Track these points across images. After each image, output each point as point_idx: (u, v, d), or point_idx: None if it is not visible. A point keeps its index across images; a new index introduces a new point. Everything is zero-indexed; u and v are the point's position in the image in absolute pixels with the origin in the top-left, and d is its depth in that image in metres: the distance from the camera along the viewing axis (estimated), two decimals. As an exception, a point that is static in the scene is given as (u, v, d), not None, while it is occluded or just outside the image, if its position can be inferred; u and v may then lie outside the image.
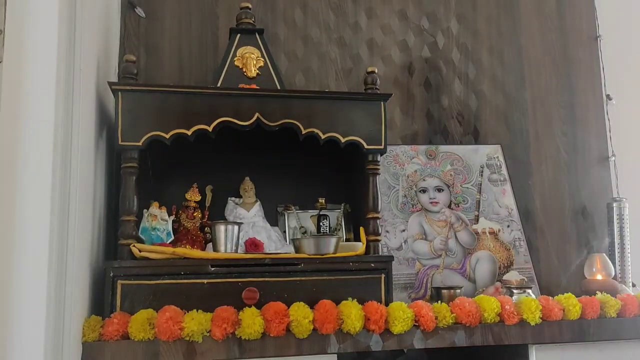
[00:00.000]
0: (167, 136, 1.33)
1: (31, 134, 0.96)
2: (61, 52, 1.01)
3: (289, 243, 1.61)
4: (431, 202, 1.81)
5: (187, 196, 1.59)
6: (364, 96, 1.48)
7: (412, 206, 1.80)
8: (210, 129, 1.35)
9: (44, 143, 0.97)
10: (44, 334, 0.93)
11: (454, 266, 1.72)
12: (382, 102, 1.46)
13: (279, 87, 1.56)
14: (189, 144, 1.38)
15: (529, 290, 1.51)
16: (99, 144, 1.38)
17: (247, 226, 1.58)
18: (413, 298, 1.63)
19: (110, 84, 1.35)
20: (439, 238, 1.75)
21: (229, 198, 1.66)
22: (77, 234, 1.10)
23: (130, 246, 1.28)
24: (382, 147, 1.44)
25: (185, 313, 1.21)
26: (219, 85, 1.52)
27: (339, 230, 1.66)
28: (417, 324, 1.30)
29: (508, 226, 1.80)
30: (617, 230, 1.85)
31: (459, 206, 1.82)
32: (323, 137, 1.40)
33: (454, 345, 1.32)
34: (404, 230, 1.75)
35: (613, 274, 1.71)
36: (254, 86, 1.51)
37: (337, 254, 1.39)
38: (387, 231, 1.74)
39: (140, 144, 1.31)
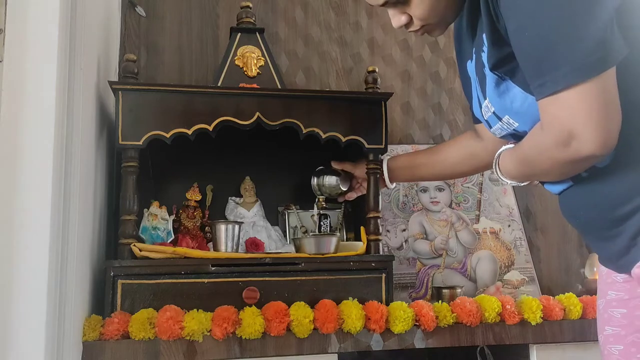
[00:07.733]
0: (168, 135, 1.33)
1: (31, 133, 0.96)
2: (61, 51, 1.01)
3: (290, 242, 1.61)
4: (432, 202, 1.81)
5: (188, 195, 1.59)
6: (365, 95, 1.47)
7: (413, 205, 1.79)
8: (210, 128, 1.35)
9: (44, 143, 0.97)
10: (44, 334, 0.93)
11: (455, 266, 1.71)
12: (382, 102, 1.46)
13: (279, 87, 1.56)
14: (190, 144, 1.38)
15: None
16: (99, 143, 1.38)
17: (247, 225, 1.58)
18: (414, 298, 1.63)
19: (111, 83, 1.35)
20: (439, 237, 1.75)
21: (230, 197, 1.66)
22: (77, 234, 1.10)
23: (131, 246, 1.28)
24: (382, 146, 1.44)
25: (185, 312, 1.21)
26: (219, 84, 1.51)
27: (340, 229, 1.66)
28: (417, 324, 1.30)
29: (509, 226, 1.80)
30: (618, 229, 1.84)
31: (459, 205, 1.81)
32: (324, 136, 1.40)
33: (454, 345, 1.32)
34: (404, 230, 1.75)
35: (614, 273, 1.70)
36: (254, 85, 1.50)
37: (338, 254, 1.39)
38: (388, 231, 1.73)
39: (140, 143, 1.31)
